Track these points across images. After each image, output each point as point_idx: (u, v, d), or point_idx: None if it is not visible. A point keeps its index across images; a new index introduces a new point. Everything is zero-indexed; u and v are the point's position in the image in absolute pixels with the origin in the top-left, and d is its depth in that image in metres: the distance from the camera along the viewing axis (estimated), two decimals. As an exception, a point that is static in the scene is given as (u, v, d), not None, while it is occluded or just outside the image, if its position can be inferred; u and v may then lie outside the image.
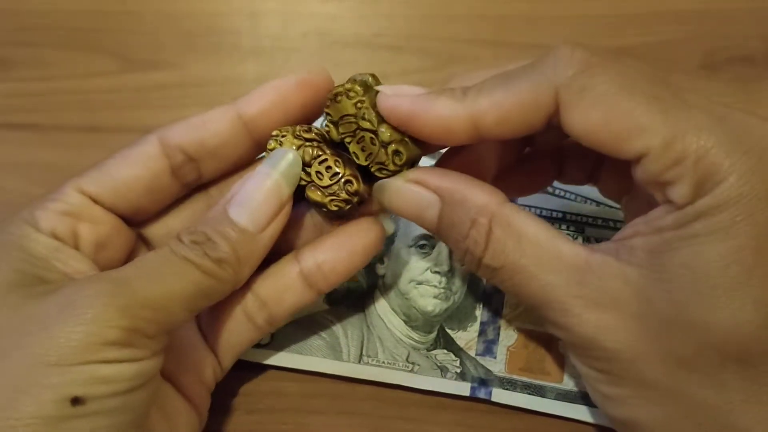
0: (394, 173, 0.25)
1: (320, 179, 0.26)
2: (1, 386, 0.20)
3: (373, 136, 0.25)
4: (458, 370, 0.30)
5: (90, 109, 0.38)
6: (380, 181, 0.26)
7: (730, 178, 0.20)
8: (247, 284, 0.27)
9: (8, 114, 0.38)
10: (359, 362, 0.30)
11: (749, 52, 0.38)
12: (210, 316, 0.28)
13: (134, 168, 0.26)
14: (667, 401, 0.22)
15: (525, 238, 0.23)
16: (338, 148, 0.27)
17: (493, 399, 0.29)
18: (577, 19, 0.40)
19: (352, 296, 0.31)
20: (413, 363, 0.30)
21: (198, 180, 0.27)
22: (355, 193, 0.26)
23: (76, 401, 0.20)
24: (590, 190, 0.33)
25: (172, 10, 0.41)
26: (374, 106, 0.25)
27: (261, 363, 0.30)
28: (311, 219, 0.28)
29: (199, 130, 0.26)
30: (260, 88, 0.26)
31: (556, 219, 0.33)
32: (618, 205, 0.31)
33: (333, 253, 0.27)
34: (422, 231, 0.32)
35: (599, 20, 0.40)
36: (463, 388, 0.29)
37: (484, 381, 0.30)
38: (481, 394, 0.29)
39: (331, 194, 0.26)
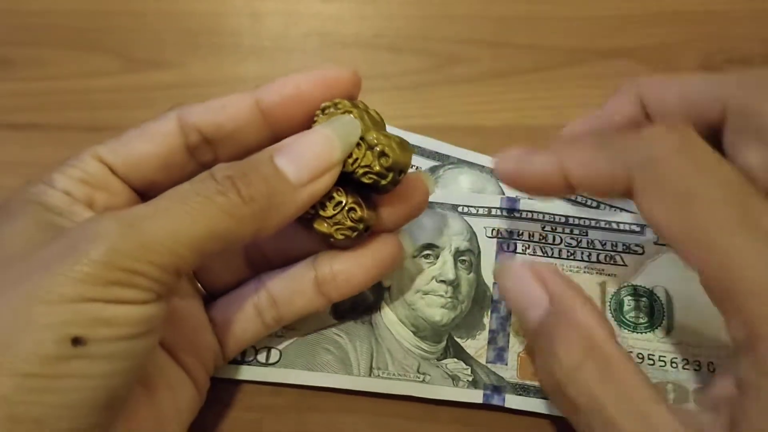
0: (379, 176, 0.24)
1: (324, 210, 0.25)
2: (2, 323, 0.19)
3: (360, 141, 0.24)
4: (470, 379, 0.29)
5: (92, 109, 0.37)
6: (506, 264, 0.25)
7: None
8: (262, 281, 0.27)
9: (10, 114, 0.37)
10: (370, 375, 0.29)
11: (748, 54, 0.37)
12: (221, 303, 0.28)
13: (152, 142, 0.25)
14: None
15: (621, 386, 0.21)
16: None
17: (507, 405, 0.28)
18: (577, 21, 0.39)
19: (359, 309, 0.30)
20: (424, 373, 0.29)
21: (214, 161, 0.26)
22: (360, 220, 0.25)
23: (76, 341, 0.19)
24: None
25: (174, 10, 0.40)
26: (362, 117, 0.25)
27: (272, 382, 0.29)
28: None
29: (217, 112, 0.25)
30: (280, 80, 0.25)
31: (558, 223, 0.31)
32: (619, 206, 0.31)
33: (350, 264, 0.26)
34: (426, 240, 0.31)
35: (599, 21, 0.39)
36: (476, 396, 0.28)
37: (497, 388, 0.28)
38: (495, 401, 0.28)
39: (336, 223, 0.25)
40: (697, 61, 0.38)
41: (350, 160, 0.24)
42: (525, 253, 0.31)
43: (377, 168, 0.24)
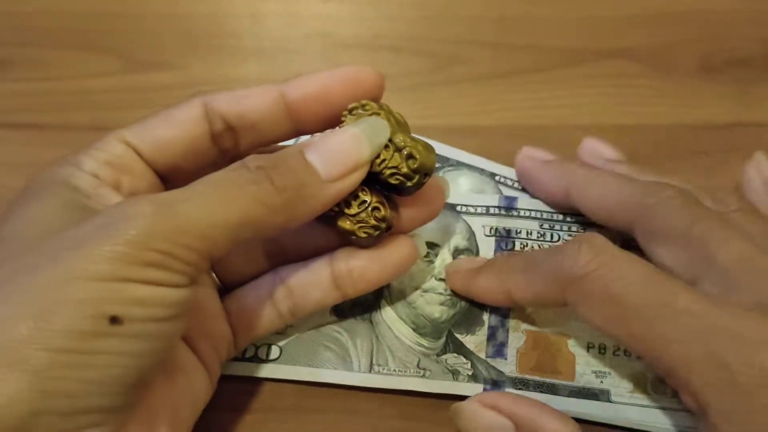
0: (406, 178, 0.25)
1: (349, 208, 0.25)
2: (37, 297, 0.19)
3: (388, 143, 0.25)
4: (470, 373, 0.29)
5: (92, 109, 0.37)
6: (456, 405, 0.26)
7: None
8: (279, 272, 0.28)
9: (11, 114, 0.37)
10: (370, 371, 0.29)
11: (748, 55, 0.37)
12: (237, 293, 0.28)
13: (177, 128, 0.25)
14: None
15: None
16: None
17: None
18: (577, 21, 0.39)
19: (359, 307, 0.30)
20: (424, 369, 0.29)
21: (234, 148, 0.27)
22: (383, 219, 0.25)
23: (114, 320, 0.19)
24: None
25: (174, 11, 0.40)
26: (389, 119, 0.25)
27: (272, 378, 0.29)
28: None
29: (241, 102, 0.26)
30: (306, 76, 0.26)
31: (557, 221, 0.31)
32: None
33: (365, 262, 0.27)
34: (425, 239, 0.32)
35: (599, 22, 0.39)
36: (476, 390, 0.28)
37: (497, 382, 0.28)
38: None
39: (359, 222, 0.25)
40: (697, 62, 0.38)
41: (377, 161, 0.25)
42: (523, 251, 0.31)
43: (405, 170, 0.25)
